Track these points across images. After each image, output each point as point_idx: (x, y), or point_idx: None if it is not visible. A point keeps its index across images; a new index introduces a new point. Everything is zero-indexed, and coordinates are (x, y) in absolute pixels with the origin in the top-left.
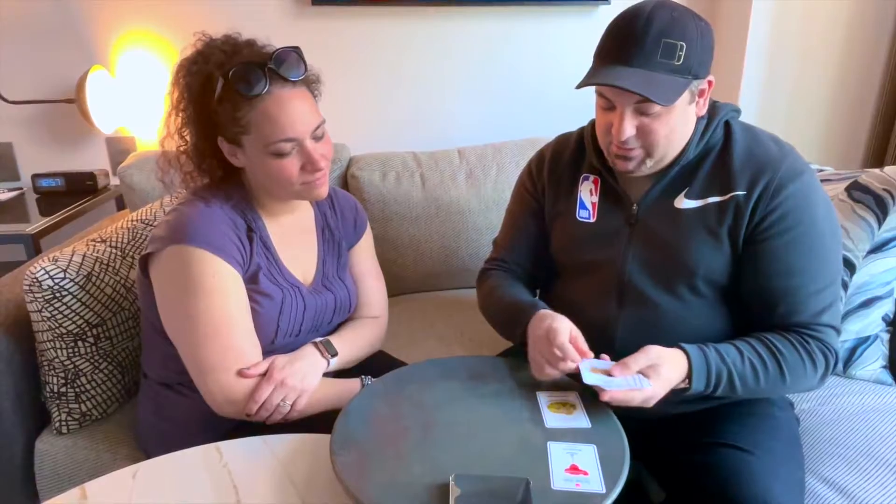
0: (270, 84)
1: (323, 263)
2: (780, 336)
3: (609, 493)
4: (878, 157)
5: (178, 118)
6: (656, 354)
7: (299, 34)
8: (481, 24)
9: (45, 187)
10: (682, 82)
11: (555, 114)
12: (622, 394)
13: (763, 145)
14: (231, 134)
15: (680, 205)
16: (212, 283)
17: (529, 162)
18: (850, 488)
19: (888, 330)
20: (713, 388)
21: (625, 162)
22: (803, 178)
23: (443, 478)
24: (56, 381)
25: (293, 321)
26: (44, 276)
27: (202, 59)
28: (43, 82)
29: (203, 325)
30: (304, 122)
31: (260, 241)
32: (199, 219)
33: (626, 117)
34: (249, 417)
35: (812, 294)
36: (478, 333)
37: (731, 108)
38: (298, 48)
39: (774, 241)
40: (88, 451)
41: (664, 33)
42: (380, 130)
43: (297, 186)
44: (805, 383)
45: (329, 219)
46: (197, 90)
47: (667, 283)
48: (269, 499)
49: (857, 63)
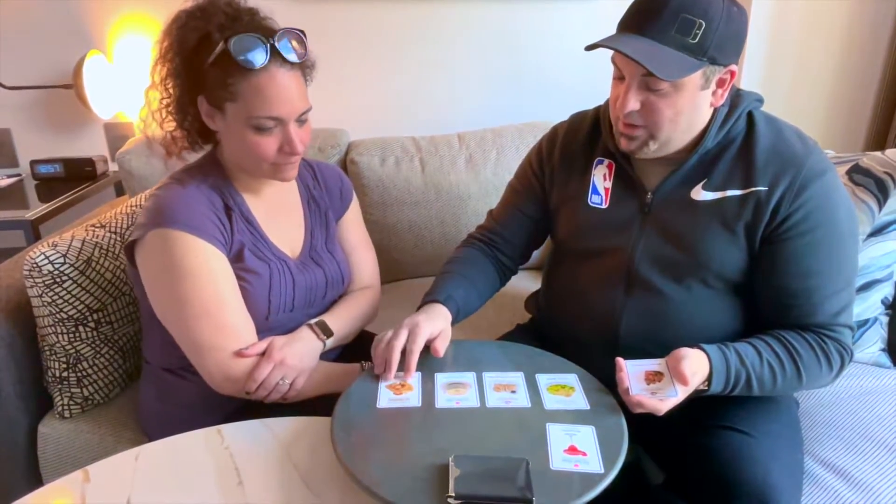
0: (270, 60)
1: (311, 235)
2: (798, 335)
3: (607, 474)
4: (880, 140)
5: (164, 68)
6: (692, 361)
7: (299, 17)
8: (482, 7)
9: (44, 173)
10: (694, 63)
11: (556, 98)
12: (651, 402)
13: (787, 140)
14: (215, 97)
15: (697, 196)
16: (195, 263)
17: (541, 140)
18: (848, 470)
19: (887, 313)
20: (731, 389)
21: (628, 141)
22: (826, 177)
23: (443, 459)
24: (58, 366)
25: (284, 296)
26: (43, 262)
27: (203, 16)
28: (40, 67)
29: (192, 306)
30: (292, 105)
31: (241, 218)
32: (176, 201)
33: (631, 89)
34: (248, 395)
35: (829, 296)
36: (476, 318)
37: (755, 98)
38: (303, 31)
39: (795, 241)
40: (91, 434)
41: (684, 8)
42: (379, 115)
43: (267, 165)
44: (819, 382)
45: (313, 190)
46: (191, 45)
47: (677, 274)
48: (271, 481)
49: (860, 46)
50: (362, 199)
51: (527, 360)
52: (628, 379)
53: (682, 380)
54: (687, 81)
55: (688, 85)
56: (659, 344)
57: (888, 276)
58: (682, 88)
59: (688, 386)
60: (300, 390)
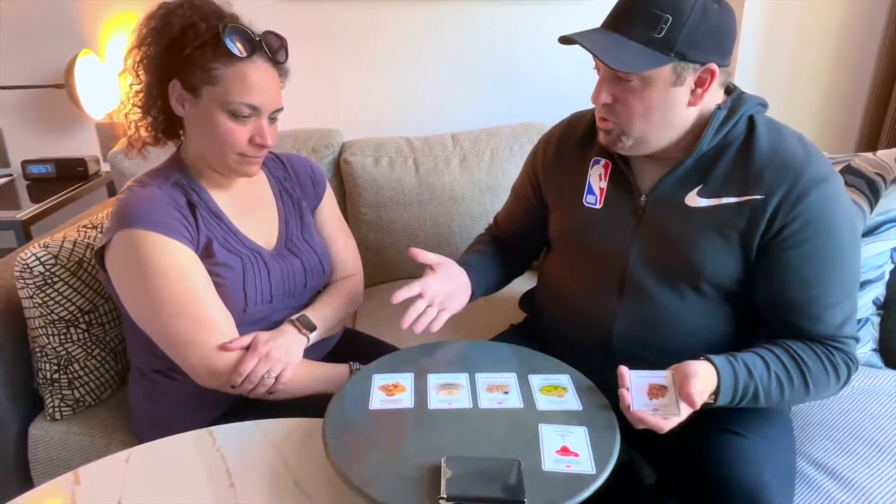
0: (256, 53)
1: (286, 226)
2: (806, 347)
3: (599, 474)
4: (872, 141)
5: (139, 51)
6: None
7: (293, 18)
8: (476, 7)
9: (36, 174)
10: (659, 57)
11: (550, 98)
12: (653, 420)
13: (787, 146)
14: (194, 80)
15: (692, 202)
16: (163, 261)
17: (538, 141)
18: (839, 470)
19: (878, 313)
20: (738, 402)
21: (604, 134)
22: (827, 184)
23: (435, 460)
24: (49, 368)
25: (260, 288)
26: (35, 263)
27: (190, 9)
28: (31, 67)
29: (166, 304)
30: (271, 99)
31: (208, 213)
32: (138, 202)
33: (603, 82)
34: (234, 390)
35: (831, 305)
36: (470, 319)
37: (758, 102)
38: (285, 38)
39: (792, 251)
40: (82, 436)
41: (652, 2)
42: (373, 115)
43: (234, 155)
44: (826, 393)
45: (285, 182)
46: (175, 31)
47: (670, 280)
48: (263, 483)
49: (852, 48)
50: (356, 199)
51: (519, 360)
52: (630, 395)
53: (689, 402)
54: (655, 76)
55: (657, 80)
56: (652, 347)
57: (880, 277)
58: (651, 83)
59: (695, 408)
60: (287, 385)
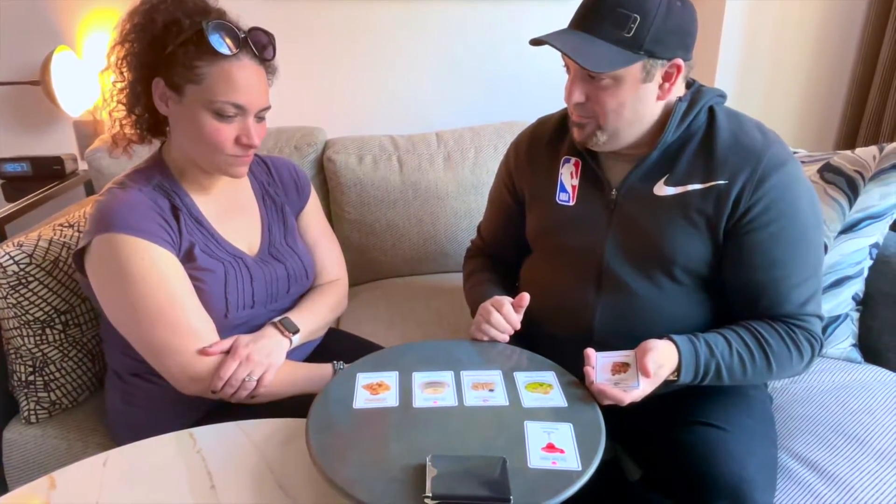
0: (241, 51)
1: (269, 231)
2: (768, 326)
3: (585, 471)
4: (850, 139)
5: (123, 48)
6: (660, 353)
7: (275, 16)
8: (459, 6)
9: (11, 172)
10: (629, 55)
11: (533, 97)
12: (613, 392)
13: (747, 133)
14: (177, 79)
15: (659, 192)
16: (143, 266)
17: (509, 146)
18: (821, 463)
19: (858, 309)
20: (700, 380)
21: (578, 131)
22: (787, 167)
23: (420, 459)
24: (24, 370)
25: (242, 293)
26: (8, 262)
27: (173, 5)
28: (6, 63)
29: (146, 310)
30: (257, 97)
31: (190, 218)
32: (118, 205)
33: (575, 81)
34: (215, 394)
35: (795, 285)
36: (456, 318)
37: (717, 94)
38: (272, 35)
39: (758, 234)
40: (59, 440)
41: (620, 3)
42: (356, 113)
43: (222, 156)
44: (790, 371)
45: (268, 186)
46: (158, 27)
47: (645, 270)
48: (245, 484)
49: (831, 48)
50: (339, 198)
51: (505, 358)
52: (594, 372)
53: (645, 372)
54: (626, 74)
55: (627, 77)
56: (632, 340)
57: (859, 273)
58: (623, 81)
59: (651, 378)
60: (269, 388)
